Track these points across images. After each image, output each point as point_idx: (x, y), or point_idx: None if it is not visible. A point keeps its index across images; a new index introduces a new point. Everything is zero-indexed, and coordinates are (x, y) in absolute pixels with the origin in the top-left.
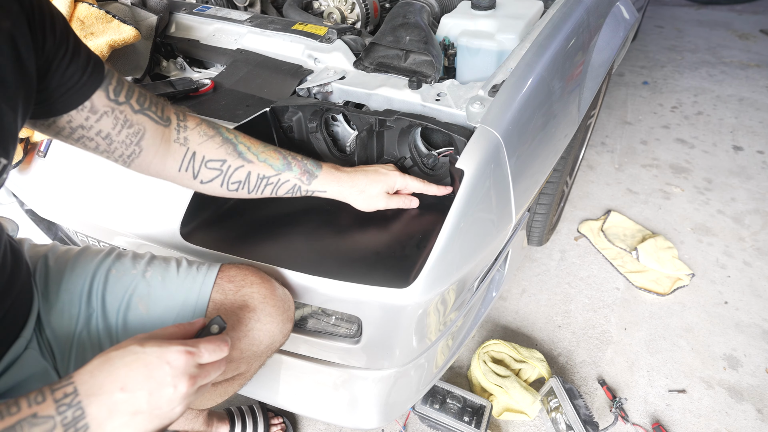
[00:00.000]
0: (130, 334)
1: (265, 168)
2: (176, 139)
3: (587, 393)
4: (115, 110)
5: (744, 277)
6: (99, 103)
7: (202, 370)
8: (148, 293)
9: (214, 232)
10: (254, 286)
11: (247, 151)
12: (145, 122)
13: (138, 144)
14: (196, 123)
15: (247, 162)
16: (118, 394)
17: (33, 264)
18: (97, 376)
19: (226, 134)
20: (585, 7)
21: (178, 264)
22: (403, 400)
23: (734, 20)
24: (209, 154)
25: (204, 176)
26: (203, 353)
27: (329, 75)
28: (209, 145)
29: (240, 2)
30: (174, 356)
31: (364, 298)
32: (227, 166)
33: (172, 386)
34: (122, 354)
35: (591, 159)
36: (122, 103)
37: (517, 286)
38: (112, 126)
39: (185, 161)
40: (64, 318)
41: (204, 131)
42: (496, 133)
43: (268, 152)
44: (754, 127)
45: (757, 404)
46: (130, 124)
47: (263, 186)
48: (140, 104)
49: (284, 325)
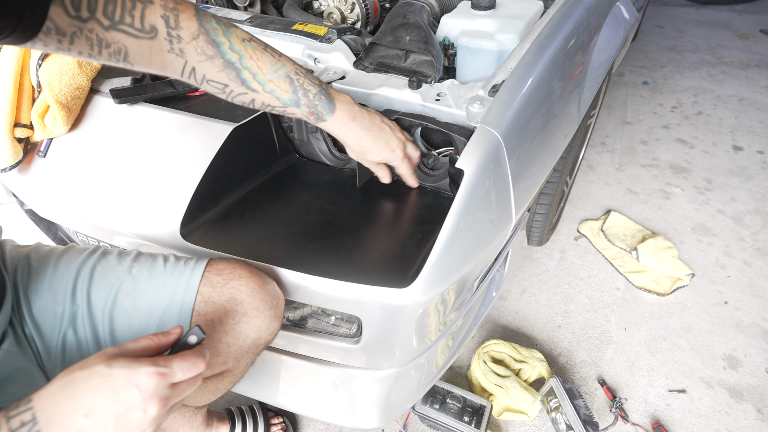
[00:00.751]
0: (117, 331)
1: (271, 99)
2: (171, 50)
3: (587, 393)
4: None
5: (744, 277)
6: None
7: (175, 389)
8: (134, 288)
9: (214, 232)
10: (243, 278)
11: (251, 78)
12: (123, 39)
13: (126, 60)
14: (192, 35)
15: (251, 90)
16: (82, 420)
17: (14, 263)
18: (59, 401)
19: (228, 55)
20: (585, 7)
21: (166, 260)
22: (403, 400)
23: (734, 20)
24: (209, 75)
25: (208, 89)
26: (176, 372)
27: (329, 75)
28: (209, 66)
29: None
30: (143, 378)
31: (363, 298)
32: (229, 90)
33: (141, 410)
34: (87, 375)
35: (591, 159)
36: (87, 20)
37: (517, 286)
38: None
39: (185, 72)
40: (48, 316)
41: (202, 48)
42: (496, 133)
43: (278, 82)
44: (754, 127)
45: (757, 404)
46: (107, 43)
47: (269, 110)
48: (109, 18)
49: (271, 321)
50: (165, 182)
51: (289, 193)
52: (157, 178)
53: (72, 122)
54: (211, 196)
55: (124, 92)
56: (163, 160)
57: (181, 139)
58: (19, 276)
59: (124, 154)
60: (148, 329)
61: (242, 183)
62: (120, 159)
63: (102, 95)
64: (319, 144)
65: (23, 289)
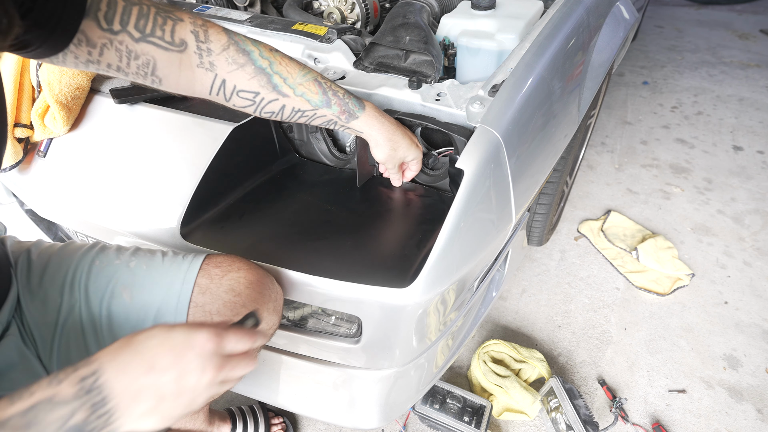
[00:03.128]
0: (115, 323)
1: (302, 102)
2: (200, 64)
3: (587, 393)
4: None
5: (744, 277)
6: (93, 35)
7: (228, 363)
8: (132, 281)
9: (214, 232)
10: (241, 271)
11: (282, 83)
12: (152, 51)
13: (153, 74)
14: (222, 46)
15: (282, 96)
16: (143, 376)
17: (15, 257)
18: (123, 356)
19: (258, 62)
20: (585, 7)
21: (164, 254)
22: (403, 400)
23: (734, 20)
24: (240, 85)
25: (236, 102)
26: (230, 338)
27: (329, 75)
28: (239, 75)
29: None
30: (201, 340)
31: (363, 298)
32: (260, 98)
33: (197, 373)
34: (148, 336)
35: (591, 159)
36: (118, 32)
37: (517, 286)
38: (118, 59)
39: (215, 87)
40: (47, 308)
41: (233, 58)
42: (496, 133)
43: (307, 85)
44: (754, 127)
45: (757, 404)
46: (136, 55)
47: (297, 116)
48: (140, 30)
49: (270, 315)
50: (165, 182)
51: (289, 193)
52: (157, 178)
53: (72, 122)
54: (211, 196)
55: (124, 92)
56: (163, 160)
57: (181, 139)
58: (19, 269)
59: (124, 154)
60: (145, 320)
61: (242, 183)
62: (120, 159)
63: (102, 95)
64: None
65: (23, 282)
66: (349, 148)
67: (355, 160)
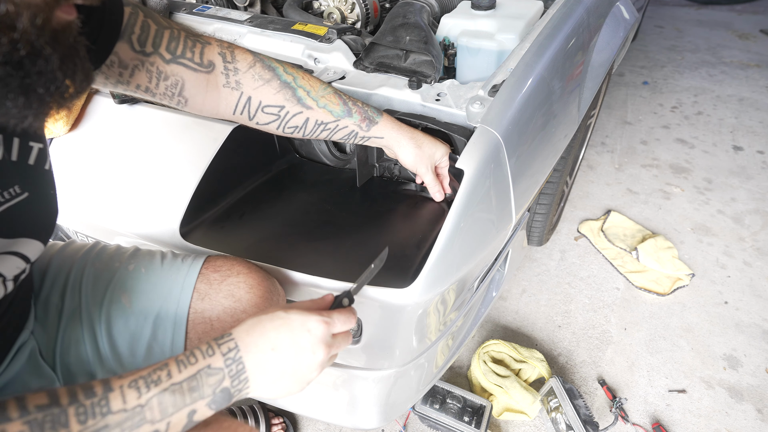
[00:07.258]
0: (114, 329)
1: (324, 114)
2: (226, 84)
3: (587, 393)
4: (145, 63)
5: (744, 277)
6: (126, 57)
7: (335, 340)
8: (131, 286)
9: (214, 232)
10: (241, 275)
11: (306, 96)
12: (182, 72)
13: (180, 95)
14: (249, 64)
15: (306, 108)
16: (270, 352)
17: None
18: (252, 334)
19: (284, 77)
20: (585, 7)
21: (163, 257)
22: (403, 400)
23: (734, 20)
24: (266, 100)
25: (260, 119)
26: (336, 322)
27: (329, 75)
28: (265, 91)
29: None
30: (314, 324)
31: (363, 298)
32: (285, 112)
33: (312, 352)
34: (270, 317)
35: (591, 159)
36: (150, 54)
37: (517, 286)
38: (148, 80)
39: (239, 105)
40: (48, 312)
41: (259, 74)
42: (496, 133)
43: (329, 97)
44: (754, 127)
45: (757, 404)
46: (165, 76)
47: (320, 131)
48: (171, 52)
49: None
50: (165, 182)
51: (289, 193)
52: (157, 178)
53: (72, 122)
54: (211, 196)
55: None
56: (163, 160)
57: (181, 139)
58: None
59: (124, 154)
60: (144, 328)
61: (242, 183)
62: (120, 159)
63: (102, 95)
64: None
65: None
66: (349, 148)
67: (355, 160)
